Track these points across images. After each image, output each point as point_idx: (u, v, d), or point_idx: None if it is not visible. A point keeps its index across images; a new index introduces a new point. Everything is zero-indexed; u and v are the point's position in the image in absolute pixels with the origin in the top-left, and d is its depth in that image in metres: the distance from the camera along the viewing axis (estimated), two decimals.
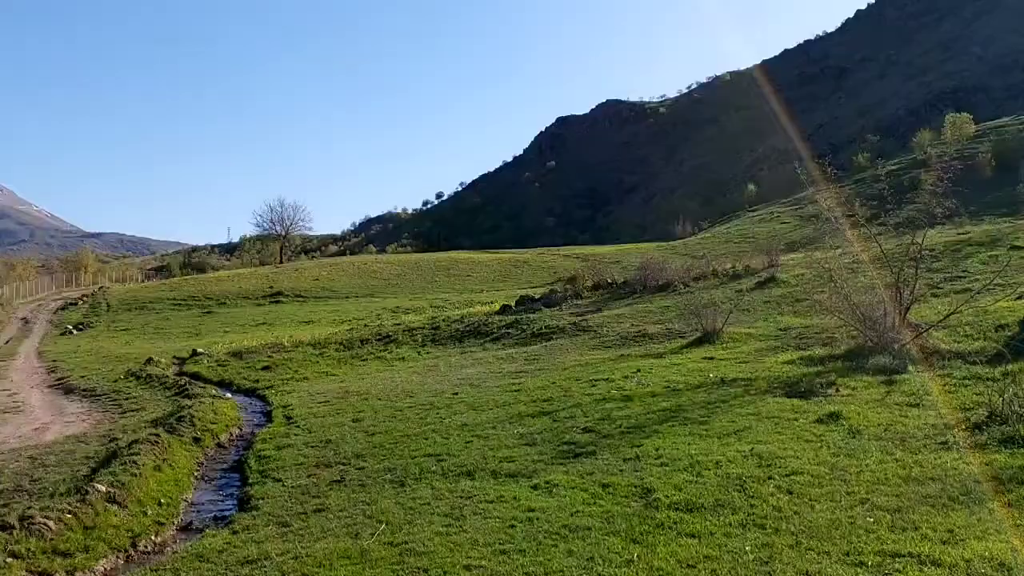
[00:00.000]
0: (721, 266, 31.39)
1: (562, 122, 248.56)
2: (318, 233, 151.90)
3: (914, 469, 8.14)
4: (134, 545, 9.15)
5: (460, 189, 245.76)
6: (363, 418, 14.52)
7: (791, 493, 7.95)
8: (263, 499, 10.13)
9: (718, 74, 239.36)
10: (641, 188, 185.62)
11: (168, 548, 9.20)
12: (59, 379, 24.69)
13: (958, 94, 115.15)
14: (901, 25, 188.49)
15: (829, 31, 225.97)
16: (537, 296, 32.64)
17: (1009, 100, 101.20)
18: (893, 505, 7.33)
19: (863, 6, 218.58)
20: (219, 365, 25.75)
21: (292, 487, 10.53)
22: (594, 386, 14.73)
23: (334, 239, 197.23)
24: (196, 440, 14.12)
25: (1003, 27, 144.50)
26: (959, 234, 27.62)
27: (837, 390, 11.86)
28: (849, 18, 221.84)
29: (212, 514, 10.48)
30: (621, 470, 9.39)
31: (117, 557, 8.85)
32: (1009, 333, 13.32)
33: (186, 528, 9.98)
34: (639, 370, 15.89)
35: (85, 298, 57.01)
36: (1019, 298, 16.76)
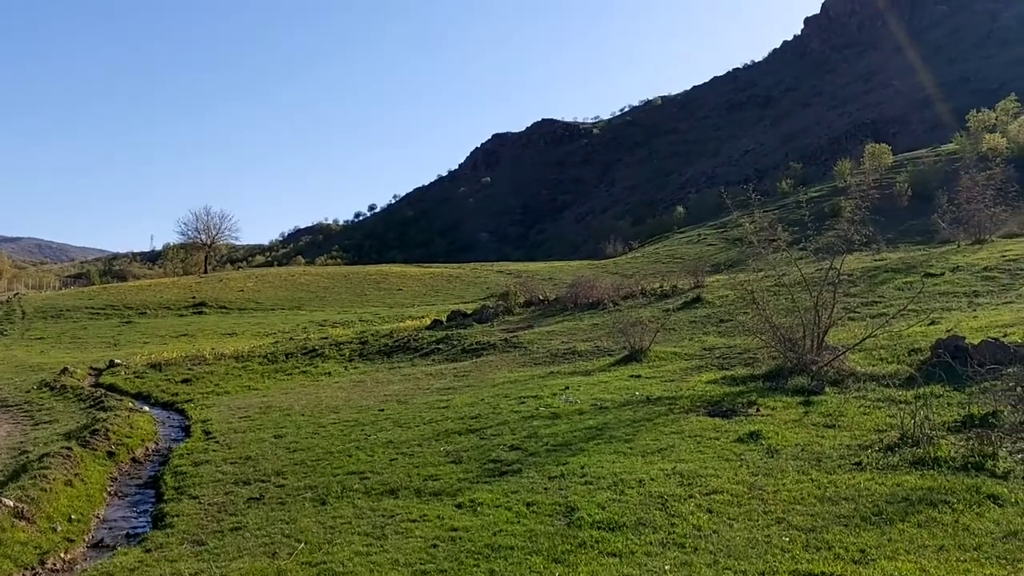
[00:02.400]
0: (649, 285, 31.84)
1: (497, 139, 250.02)
2: (245, 243, 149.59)
3: (829, 489, 8.34)
4: (42, 562, 8.80)
5: (393, 202, 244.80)
6: (285, 434, 14.23)
7: (711, 512, 8.06)
8: (178, 516, 9.85)
9: (650, 98, 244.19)
10: (574, 206, 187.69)
11: (78, 566, 8.88)
12: None
13: (877, 125, 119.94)
14: (825, 57, 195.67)
15: (757, 60, 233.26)
16: (469, 312, 32.58)
17: (926, 132, 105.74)
18: (808, 524, 7.49)
19: (789, 38, 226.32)
20: (137, 377, 25.02)
21: (209, 504, 10.26)
22: (522, 403, 14.73)
23: (261, 249, 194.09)
24: (110, 454, 13.71)
25: (921, 63, 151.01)
26: (876, 260, 28.59)
27: (758, 410, 12.11)
28: (776, 48, 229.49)
29: (125, 531, 10.17)
30: (546, 488, 9.39)
31: (24, 575, 8.48)
32: (922, 357, 13.78)
33: (97, 545, 9.65)
34: (568, 387, 15.97)
35: None
36: (932, 324, 17.41)
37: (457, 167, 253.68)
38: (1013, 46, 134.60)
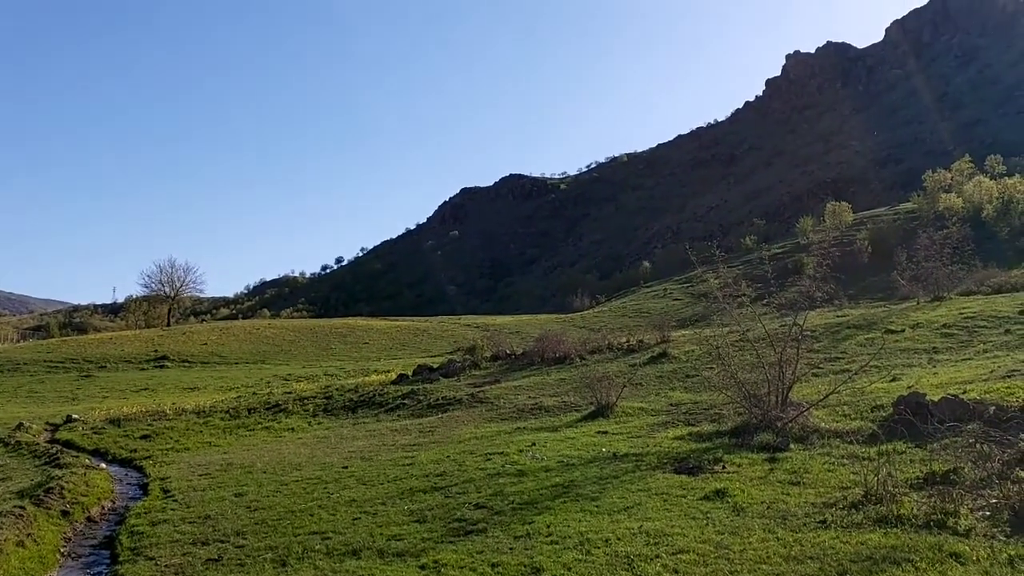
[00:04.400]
0: (616, 340, 31.96)
1: (466, 193, 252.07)
2: (210, 296, 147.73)
3: (794, 548, 8.32)
4: None
5: (361, 255, 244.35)
6: (246, 492, 13.94)
7: (677, 572, 7.99)
8: None
9: (616, 155, 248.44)
10: (541, 260, 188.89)
11: None
12: None
13: (838, 184, 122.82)
14: (786, 118, 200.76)
15: (720, 119, 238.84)
16: (435, 366, 32.41)
17: (884, 191, 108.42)
18: None
19: (751, 98, 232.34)
20: (95, 433, 24.47)
21: (165, 566, 9.99)
22: (488, 460, 14.60)
23: (226, 302, 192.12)
24: (64, 513, 13.36)
25: (878, 124, 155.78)
26: (838, 316, 29.01)
27: (724, 467, 12.11)
28: (738, 108, 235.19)
29: None
30: (511, 548, 9.27)
31: None
32: (884, 414, 13.92)
33: None
34: (534, 444, 15.87)
35: None
36: (893, 380, 17.64)
37: (425, 220, 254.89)
38: (966, 109, 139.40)
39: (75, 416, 27.61)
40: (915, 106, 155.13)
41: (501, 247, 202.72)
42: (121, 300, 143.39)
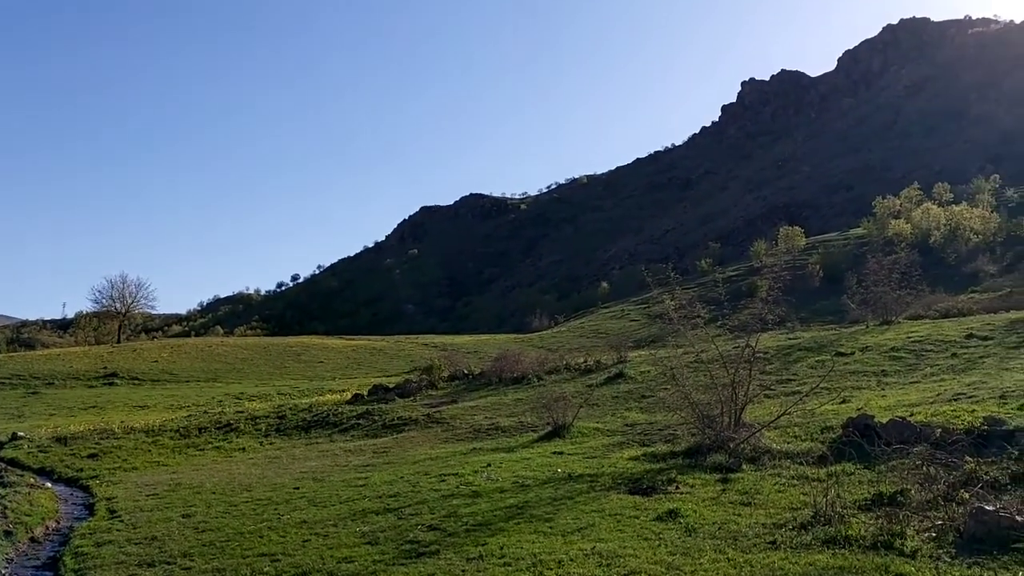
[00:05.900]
0: (574, 360, 32.09)
1: (425, 211, 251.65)
2: (162, 312, 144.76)
3: (744, 568, 8.38)
4: None
5: (317, 272, 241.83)
6: (194, 513, 13.68)
7: None
8: None
9: (576, 176, 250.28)
10: (500, 280, 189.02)
11: None
12: None
13: (790, 208, 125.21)
14: (741, 143, 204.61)
15: (677, 144, 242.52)
16: (391, 385, 32.22)
17: (835, 216, 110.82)
18: None
19: (708, 123, 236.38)
20: (40, 451, 23.91)
21: None
22: (443, 481, 14.51)
23: (179, 319, 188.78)
24: (7, 534, 13.12)
25: (829, 151, 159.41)
26: (790, 339, 29.46)
27: (677, 487, 12.18)
28: (695, 133, 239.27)
29: None
30: (463, 571, 9.20)
31: None
32: (833, 435, 14.13)
33: None
34: (489, 464, 15.81)
35: None
36: (843, 402, 17.95)
37: (384, 238, 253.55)
38: (915, 138, 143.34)
39: (21, 433, 26.90)
40: (865, 134, 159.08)
41: (460, 266, 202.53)
42: (71, 316, 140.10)
